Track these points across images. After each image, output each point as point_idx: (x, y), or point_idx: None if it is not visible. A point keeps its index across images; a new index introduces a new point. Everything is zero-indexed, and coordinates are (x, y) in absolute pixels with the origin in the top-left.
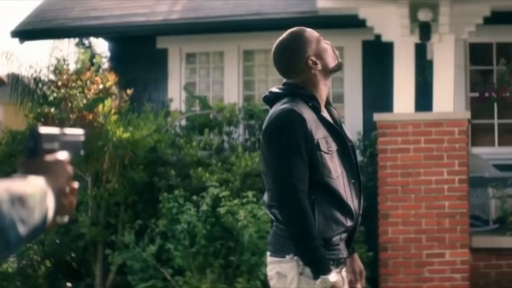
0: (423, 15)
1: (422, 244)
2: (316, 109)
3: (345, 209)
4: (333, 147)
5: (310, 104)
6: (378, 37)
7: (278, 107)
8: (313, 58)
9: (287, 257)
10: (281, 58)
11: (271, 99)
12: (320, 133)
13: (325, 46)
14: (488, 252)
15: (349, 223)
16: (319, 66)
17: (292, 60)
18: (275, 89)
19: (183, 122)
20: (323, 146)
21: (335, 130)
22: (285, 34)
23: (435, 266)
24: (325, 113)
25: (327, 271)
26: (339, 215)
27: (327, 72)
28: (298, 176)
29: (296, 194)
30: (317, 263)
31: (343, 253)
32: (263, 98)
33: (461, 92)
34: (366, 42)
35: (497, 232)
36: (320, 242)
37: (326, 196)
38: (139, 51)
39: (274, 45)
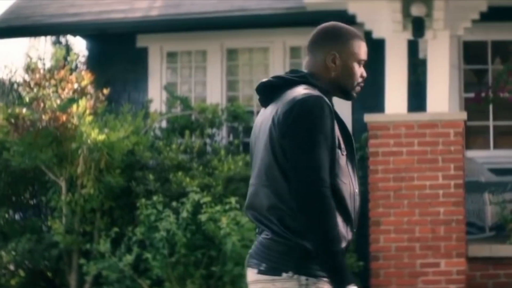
0: (417, 10)
1: (416, 253)
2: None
3: (348, 220)
4: (345, 149)
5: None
6: (368, 34)
7: (299, 91)
8: (338, 56)
9: (284, 275)
10: (321, 36)
11: (278, 85)
12: (337, 131)
13: (358, 65)
14: (485, 261)
15: (349, 236)
16: (334, 71)
17: (327, 42)
18: (283, 75)
19: (164, 124)
20: (341, 145)
21: (347, 132)
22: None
23: (430, 276)
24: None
25: (352, 281)
26: (343, 226)
27: (339, 85)
28: (326, 169)
29: (324, 189)
30: (344, 272)
31: None
32: (265, 84)
33: (455, 92)
34: None
35: (494, 239)
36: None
37: (335, 201)
38: (118, 50)
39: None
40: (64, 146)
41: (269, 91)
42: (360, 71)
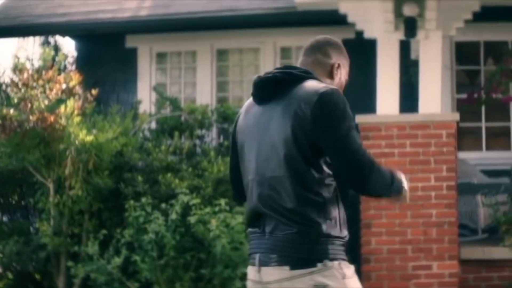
0: (409, 10)
1: (408, 256)
2: None
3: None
4: None
5: None
6: (359, 34)
7: (316, 85)
8: (341, 68)
9: (319, 265)
10: (329, 44)
11: (285, 80)
12: None
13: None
14: (478, 263)
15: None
16: (337, 78)
17: (334, 51)
18: (289, 70)
19: (153, 125)
20: None
21: None
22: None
23: (422, 279)
24: None
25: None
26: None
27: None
28: None
29: (373, 157)
30: (399, 182)
31: None
32: (269, 79)
33: (447, 93)
34: (346, 40)
35: (487, 242)
36: None
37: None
38: (107, 51)
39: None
40: (52, 147)
41: (273, 86)
42: None
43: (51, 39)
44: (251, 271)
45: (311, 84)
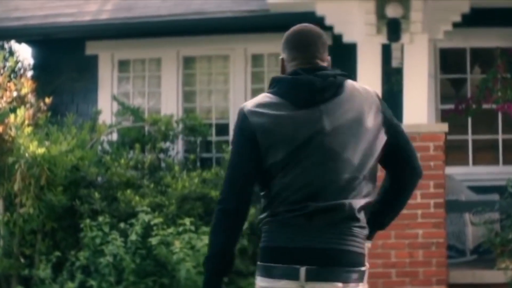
0: (392, 11)
1: (392, 280)
2: None
3: None
4: None
5: None
6: (337, 39)
7: (359, 85)
8: None
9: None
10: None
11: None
12: None
13: None
14: None
15: None
16: None
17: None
18: (331, 72)
19: (114, 137)
20: None
21: None
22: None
23: None
24: None
25: None
26: None
27: None
28: None
29: None
30: None
31: None
32: (330, 83)
33: (431, 104)
34: None
35: (476, 264)
36: None
37: None
38: (66, 58)
39: (304, 28)
40: (1, 160)
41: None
42: None
43: (6, 45)
44: None
45: (356, 84)
